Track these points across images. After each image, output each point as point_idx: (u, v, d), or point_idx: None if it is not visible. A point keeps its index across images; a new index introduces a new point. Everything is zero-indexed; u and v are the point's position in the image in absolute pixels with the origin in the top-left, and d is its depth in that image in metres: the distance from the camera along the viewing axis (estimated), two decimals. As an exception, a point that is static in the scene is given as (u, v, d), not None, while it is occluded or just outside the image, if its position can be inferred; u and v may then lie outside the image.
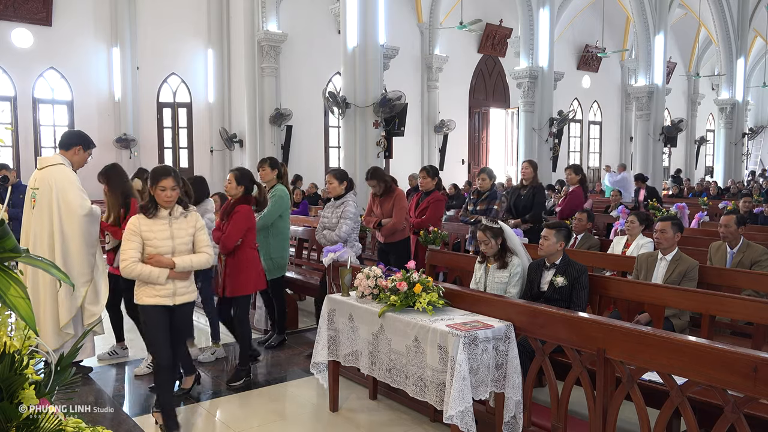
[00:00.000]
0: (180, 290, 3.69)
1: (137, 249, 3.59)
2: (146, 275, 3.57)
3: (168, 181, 3.60)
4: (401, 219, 5.88)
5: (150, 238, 3.60)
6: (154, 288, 3.61)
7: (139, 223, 3.63)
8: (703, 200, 12.19)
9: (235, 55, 15.26)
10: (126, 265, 3.56)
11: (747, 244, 5.28)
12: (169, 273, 3.60)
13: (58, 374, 1.48)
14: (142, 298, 3.64)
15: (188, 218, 3.73)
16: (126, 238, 3.60)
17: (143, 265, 3.57)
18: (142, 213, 3.65)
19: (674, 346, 2.69)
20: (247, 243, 4.68)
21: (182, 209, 3.72)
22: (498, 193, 6.51)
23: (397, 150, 13.13)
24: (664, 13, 17.63)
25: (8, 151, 13.22)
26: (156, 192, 3.61)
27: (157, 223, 3.64)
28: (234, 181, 4.74)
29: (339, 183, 5.26)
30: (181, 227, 3.69)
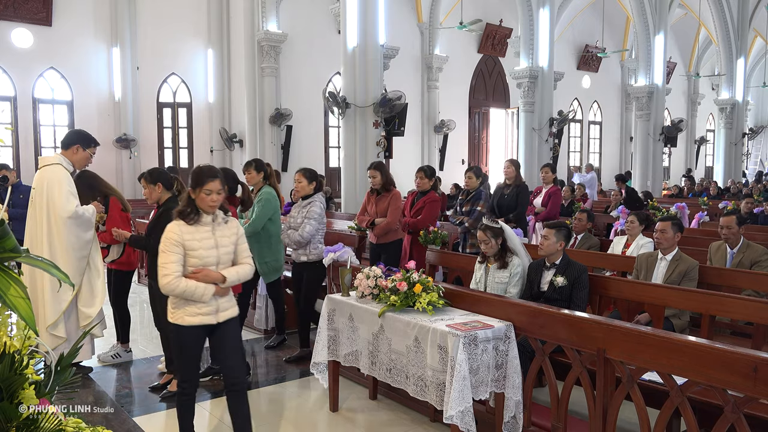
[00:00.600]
0: (223, 305, 3.27)
1: (180, 262, 3.13)
2: (191, 292, 3.11)
3: (215, 184, 3.17)
4: (395, 219, 5.83)
5: (195, 247, 3.16)
6: (196, 306, 3.16)
7: (180, 231, 3.15)
8: (703, 200, 12.20)
9: (235, 55, 15.26)
10: (169, 281, 3.09)
11: (747, 244, 5.28)
12: (215, 288, 3.18)
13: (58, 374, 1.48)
14: (183, 318, 3.17)
15: (229, 224, 3.32)
16: (166, 249, 3.13)
17: (188, 281, 3.11)
18: (182, 219, 3.19)
19: (674, 346, 2.69)
20: None
21: (223, 214, 3.31)
22: (483, 193, 6.45)
23: (397, 150, 13.12)
24: (664, 13, 17.63)
25: (8, 151, 13.22)
26: (200, 196, 3.16)
27: (200, 230, 3.19)
28: None
29: (308, 182, 5.12)
30: (224, 234, 3.27)
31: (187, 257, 3.16)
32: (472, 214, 6.26)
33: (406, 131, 12.33)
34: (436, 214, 6.18)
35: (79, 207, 4.48)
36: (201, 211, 3.20)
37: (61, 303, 4.43)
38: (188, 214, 3.20)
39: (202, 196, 3.17)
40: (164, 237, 3.16)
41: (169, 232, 3.16)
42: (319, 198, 5.14)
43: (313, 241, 5.09)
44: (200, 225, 3.20)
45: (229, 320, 3.30)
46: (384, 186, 5.87)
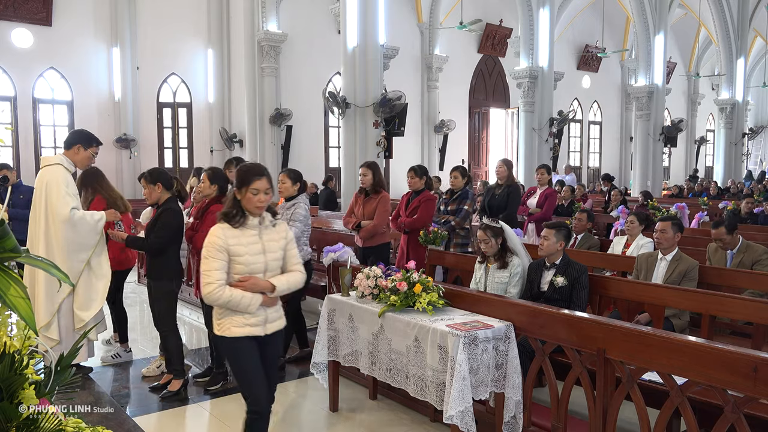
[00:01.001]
0: (271, 316, 3.00)
1: (224, 269, 2.86)
2: (236, 302, 2.84)
3: (263, 182, 2.90)
4: (382, 222, 5.70)
5: (241, 253, 2.88)
6: (243, 316, 2.90)
7: (224, 235, 2.88)
8: (703, 200, 12.20)
9: (235, 55, 15.26)
10: (212, 290, 2.81)
11: (746, 245, 5.28)
12: (262, 298, 2.92)
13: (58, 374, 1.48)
14: (230, 329, 2.90)
15: (278, 228, 3.04)
16: (209, 255, 2.85)
17: (233, 290, 2.84)
18: (227, 222, 2.91)
19: (674, 346, 2.69)
20: None
21: (271, 217, 3.03)
22: (469, 192, 6.41)
23: (397, 150, 13.13)
24: (664, 13, 17.63)
25: (8, 151, 13.22)
26: (246, 196, 2.90)
27: (245, 234, 2.92)
28: (207, 181, 4.67)
29: (292, 183, 4.97)
30: (273, 239, 2.99)
31: (232, 264, 2.89)
32: (459, 213, 6.24)
33: (406, 131, 12.33)
34: (432, 213, 6.13)
35: (76, 211, 4.43)
36: (247, 213, 2.93)
37: (53, 304, 4.40)
38: (233, 217, 2.91)
39: (249, 197, 2.89)
40: (207, 242, 2.89)
41: (212, 236, 2.89)
42: (303, 199, 5.02)
43: (299, 243, 4.90)
44: (246, 228, 2.92)
45: (276, 333, 3.04)
46: (373, 187, 5.76)
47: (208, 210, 4.60)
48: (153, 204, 4.55)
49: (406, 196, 6.23)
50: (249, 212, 2.93)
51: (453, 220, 6.23)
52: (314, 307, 6.75)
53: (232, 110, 15.69)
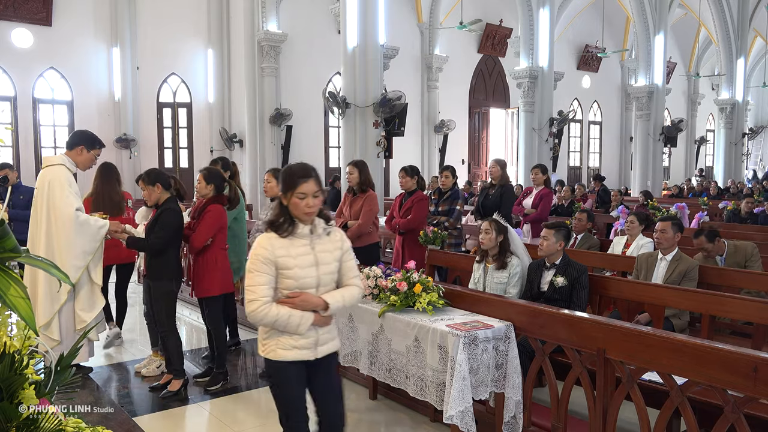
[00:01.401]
0: (323, 337, 2.66)
1: (271, 284, 2.54)
2: (284, 321, 2.52)
3: (310, 185, 2.57)
4: (368, 222, 5.63)
5: (290, 266, 2.54)
6: (291, 337, 2.57)
7: (271, 245, 2.55)
8: (703, 200, 12.21)
9: (235, 55, 15.26)
10: (257, 307, 2.49)
11: (734, 246, 5.28)
12: (314, 317, 2.57)
13: (58, 374, 1.48)
14: (277, 351, 2.59)
15: (332, 236, 2.70)
16: (254, 269, 2.54)
17: (280, 307, 2.52)
18: (274, 231, 2.59)
19: (674, 346, 2.69)
20: (216, 243, 4.60)
21: (325, 224, 2.69)
22: (459, 192, 6.42)
23: (397, 150, 13.12)
24: (664, 13, 17.63)
25: (8, 151, 13.22)
26: (292, 201, 2.57)
27: (295, 244, 2.58)
28: (203, 181, 4.64)
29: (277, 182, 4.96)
30: (326, 249, 2.65)
31: (280, 278, 2.55)
32: (452, 213, 6.22)
33: (406, 131, 12.33)
34: (426, 213, 6.10)
35: (80, 213, 4.42)
36: (296, 221, 2.60)
37: (54, 304, 4.39)
38: (281, 225, 2.58)
39: (295, 202, 2.56)
40: (253, 253, 2.58)
41: (258, 247, 2.57)
42: None
43: None
44: (296, 238, 2.58)
45: (329, 355, 2.70)
46: (360, 186, 5.69)
47: (205, 209, 4.59)
48: (153, 205, 4.55)
49: (400, 197, 6.21)
50: (298, 219, 2.59)
51: (447, 220, 6.22)
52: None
53: (232, 110, 15.69)
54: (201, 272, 4.59)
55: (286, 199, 2.60)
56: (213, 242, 4.58)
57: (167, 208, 4.44)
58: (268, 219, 2.65)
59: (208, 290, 4.60)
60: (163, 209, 4.43)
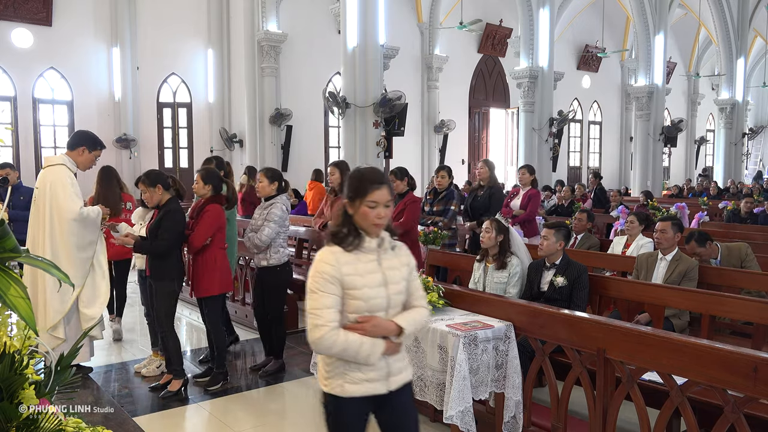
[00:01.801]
0: (395, 367, 2.29)
1: (337, 306, 2.17)
2: (354, 350, 2.15)
3: (383, 193, 2.21)
4: None
5: (358, 285, 2.18)
6: (360, 369, 2.20)
7: (337, 261, 2.19)
8: (703, 200, 12.21)
9: (235, 55, 15.26)
10: (322, 334, 2.12)
11: (727, 248, 5.28)
12: (385, 344, 2.20)
13: (58, 374, 1.48)
14: (343, 387, 2.21)
15: (398, 251, 2.35)
16: (318, 288, 2.17)
17: (348, 334, 2.15)
18: (337, 245, 2.23)
19: (674, 346, 2.69)
20: (215, 243, 4.59)
21: (390, 237, 2.33)
22: (455, 192, 6.36)
23: (397, 150, 13.13)
24: (664, 13, 17.64)
25: (8, 151, 13.22)
26: (360, 210, 2.21)
27: (362, 260, 2.23)
28: (201, 181, 4.64)
29: (269, 182, 4.82)
30: (394, 266, 2.30)
31: (347, 299, 2.19)
32: (447, 213, 6.18)
33: (406, 131, 12.34)
34: (418, 215, 6.03)
35: (83, 208, 4.47)
36: (362, 233, 2.25)
37: (63, 304, 4.41)
38: (345, 237, 2.23)
39: (364, 211, 2.20)
40: (315, 270, 2.21)
41: (321, 263, 2.21)
42: (282, 200, 4.87)
43: (274, 245, 4.80)
44: (362, 252, 2.24)
45: (403, 387, 2.32)
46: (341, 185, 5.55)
47: (204, 209, 4.58)
48: (155, 206, 4.54)
49: None
50: (365, 231, 2.24)
51: (441, 221, 6.17)
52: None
53: (232, 110, 15.70)
54: (200, 272, 4.59)
55: (352, 207, 2.23)
56: (212, 242, 4.57)
57: (171, 209, 4.44)
58: (331, 230, 2.29)
59: (207, 290, 4.60)
60: (167, 210, 4.42)
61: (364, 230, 2.24)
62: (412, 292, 2.35)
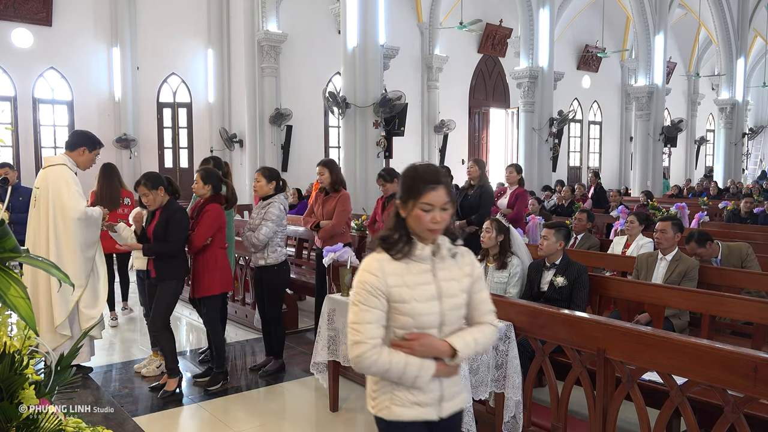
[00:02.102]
0: (449, 391, 2.05)
1: (381, 321, 1.95)
2: (398, 372, 1.92)
3: (439, 194, 1.97)
4: (341, 222, 5.50)
5: (406, 299, 1.94)
6: (410, 392, 1.98)
7: (382, 271, 1.96)
8: (703, 200, 12.21)
9: (235, 55, 15.26)
10: (362, 352, 1.91)
11: (728, 248, 5.28)
12: (436, 367, 1.95)
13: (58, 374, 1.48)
14: (392, 409, 2.01)
15: (459, 259, 2.07)
16: (360, 301, 1.96)
17: (394, 353, 1.93)
18: (386, 251, 1.99)
19: (674, 346, 2.69)
20: (215, 242, 4.60)
21: (450, 243, 2.07)
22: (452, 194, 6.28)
23: (397, 150, 13.13)
24: (664, 13, 17.64)
25: (8, 151, 13.21)
26: (413, 213, 1.97)
27: (413, 270, 1.98)
28: (200, 181, 4.64)
29: (267, 182, 4.85)
30: (452, 277, 2.03)
31: (393, 313, 1.96)
32: None
33: (406, 131, 12.34)
34: None
35: (87, 208, 4.49)
36: (415, 239, 2.00)
37: (68, 303, 4.43)
38: (395, 243, 1.99)
39: (418, 214, 1.95)
40: (358, 280, 1.99)
41: (364, 272, 1.98)
42: (280, 199, 4.88)
43: (272, 244, 4.83)
44: (414, 261, 1.99)
45: (456, 414, 2.10)
46: (332, 186, 5.55)
47: (204, 209, 4.58)
48: (157, 209, 4.53)
49: (381, 200, 6.06)
50: (418, 237, 2.00)
51: None
52: (313, 307, 6.75)
53: (232, 110, 15.69)
54: (201, 271, 4.60)
55: (405, 209, 2.00)
56: (212, 241, 4.58)
57: (175, 209, 4.45)
58: (381, 234, 2.04)
59: (208, 289, 4.61)
60: (173, 211, 4.42)
61: (417, 236, 2.00)
62: (476, 305, 2.08)
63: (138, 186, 4.48)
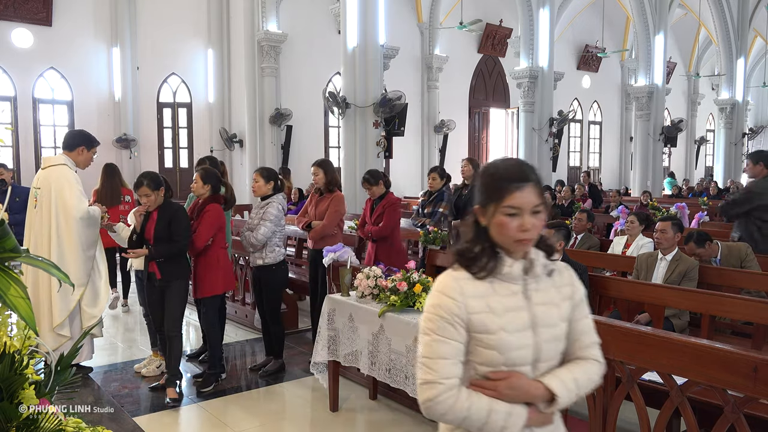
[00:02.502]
0: None
1: (459, 356, 1.55)
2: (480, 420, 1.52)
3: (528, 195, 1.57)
4: (332, 223, 5.35)
5: (491, 328, 1.55)
6: None
7: (462, 293, 1.56)
8: (703, 200, 12.21)
9: (235, 55, 15.26)
10: (435, 394, 1.51)
11: (727, 248, 5.28)
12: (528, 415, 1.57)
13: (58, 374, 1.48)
14: None
15: (557, 279, 1.68)
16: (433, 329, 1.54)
17: (474, 396, 1.53)
18: (464, 268, 1.60)
19: (674, 346, 2.69)
20: (217, 242, 4.61)
21: (545, 258, 1.66)
22: (445, 194, 6.19)
23: (397, 150, 13.13)
24: (664, 13, 17.64)
25: (8, 151, 13.21)
26: (496, 220, 1.57)
27: (499, 292, 1.59)
28: (200, 181, 4.64)
29: (265, 182, 4.85)
30: (550, 301, 1.64)
31: (475, 346, 1.56)
32: (434, 216, 6.03)
33: (406, 131, 12.33)
34: (398, 218, 5.84)
35: (89, 208, 4.51)
36: (501, 253, 1.60)
37: (69, 303, 4.44)
38: (476, 259, 1.59)
39: (502, 221, 1.56)
40: (430, 304, 1.59)
41: (440, 294, 1.57)
42: (278, 199, 4.88)
43: (270, 244, 4.83)
44: (500, 281, 1.59)
45: None
46: (327, 186, 5.41)
47: (204, 209, 4.57)
48: (155, 209, 4.51)
49: (370, 202, 5.92)
50: (505, 250, 1.60)
51: (428, 223, 6.05)
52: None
53: (232, 110, 15.69)
54: (203, 272, 4.60)
55: (485, 215, 1.60)
56: (213, 241, 4.58)
57: (176, 208, 4.45)
58: (457, 248, 1.64)
59: (212, 289, 4.61)
60: (173, 210, 4.40)
61: (504, 249, 1.60)
62: (577, 337, 1.72)
63: (139, 186, 4.35)
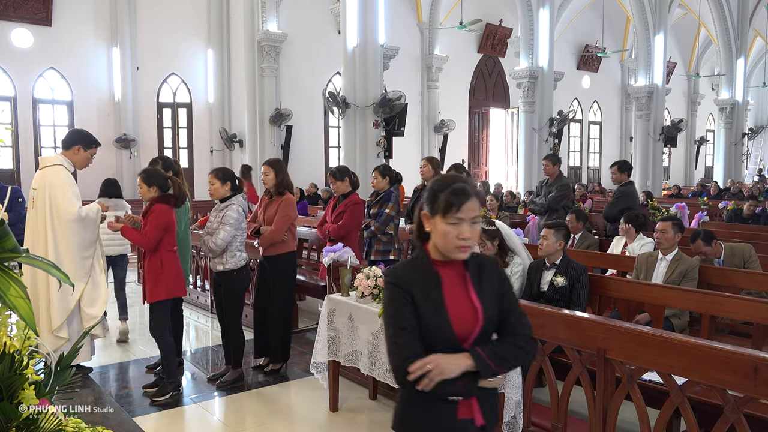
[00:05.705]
0: None
1: None
2: None
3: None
4: (282, 229, 4.85)
5: None
6: None
7: None
8: (703, 200, 12.21)
9: (235, 55, 15.26)
10: None
11: (731, 248, 5.28)
12: None
13: (58, 374, 1.48)
14: None
15: None
16: None
17: None
18: None
19: (674, 346, 2.68)
20: (164, 245, 4.39)
21: None
22: (392, 195, 5.75)
23: (397, 150, 13.13)
24: (664, 13, 17.64)
25: (8, 151, 13.22)
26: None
27: None
28: (144, 185, 4.43)
29: (221, 183, 4.56)
30: None
31: None
32: (380, 217, 5.63)
33: (406, 131, 12.34)
34: (360, 218, 5.62)
35: (82, 209, 4.45)
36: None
37: (68, 304, 4.41)
38: None
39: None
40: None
41: None
42: (238, 200, 4.60)
43: (230, 249, 4.58)
44: None
45: None
46: (277, 188, 4.94)
47: (150, 210, 4.43)
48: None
49: (333, 201, 5.73)
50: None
51: (373, 224, 5.65)
52: (314, 307, 6.76)
53: (232, 110, 15.70)
54: (146, 276, 4.44)
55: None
56: (160, 243, 4.39)
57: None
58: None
59: (152, 294, 4.41)
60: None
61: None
62: None
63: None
